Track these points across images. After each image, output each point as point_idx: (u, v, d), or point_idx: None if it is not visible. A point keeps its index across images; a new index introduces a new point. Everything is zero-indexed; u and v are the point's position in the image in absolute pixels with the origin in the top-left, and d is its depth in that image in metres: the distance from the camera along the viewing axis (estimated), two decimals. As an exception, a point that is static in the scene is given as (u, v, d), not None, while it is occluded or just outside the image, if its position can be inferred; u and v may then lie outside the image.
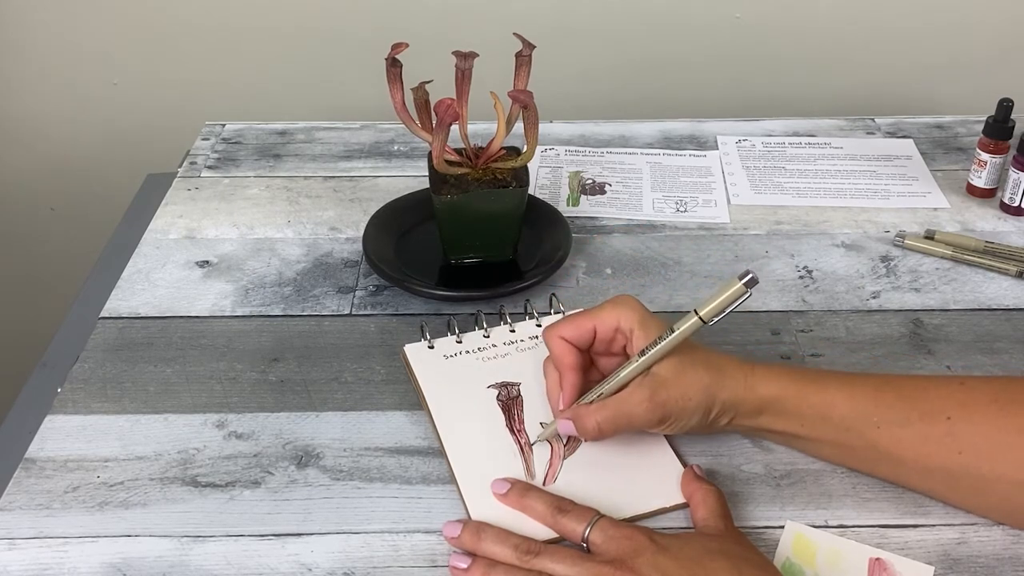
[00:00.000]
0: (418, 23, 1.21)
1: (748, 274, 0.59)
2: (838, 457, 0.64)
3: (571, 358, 0.64)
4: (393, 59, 0.79)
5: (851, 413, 0.61)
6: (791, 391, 0.62)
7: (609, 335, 0.65)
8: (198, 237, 0.90)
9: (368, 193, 0.96)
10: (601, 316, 0.64)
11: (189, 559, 0.60)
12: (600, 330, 0.64)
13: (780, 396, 0.62)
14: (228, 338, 0.77)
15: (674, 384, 0.61)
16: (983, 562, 0.59)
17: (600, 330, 0.64)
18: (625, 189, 0.97)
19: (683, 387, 0.61)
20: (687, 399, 0.61)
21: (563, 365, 0.64)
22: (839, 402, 0.62)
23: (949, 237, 0.87)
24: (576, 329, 0.65)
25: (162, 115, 1.28)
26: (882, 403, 0.61)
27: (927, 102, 1.25)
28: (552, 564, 0.56)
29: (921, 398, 0.61)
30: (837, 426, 0.62)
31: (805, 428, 0.63)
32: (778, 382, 0.63)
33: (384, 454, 0.67)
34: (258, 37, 1.23)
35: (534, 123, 0.79)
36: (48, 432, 0.69)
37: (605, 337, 0.65)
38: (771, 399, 0.62)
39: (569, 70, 1.23)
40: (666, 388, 0.61)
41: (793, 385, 0.62)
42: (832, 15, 1.21)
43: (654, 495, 0.63)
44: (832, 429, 0.62)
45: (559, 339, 0.65)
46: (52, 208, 1.36)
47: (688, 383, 0.61)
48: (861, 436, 0.61)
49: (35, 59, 1.25)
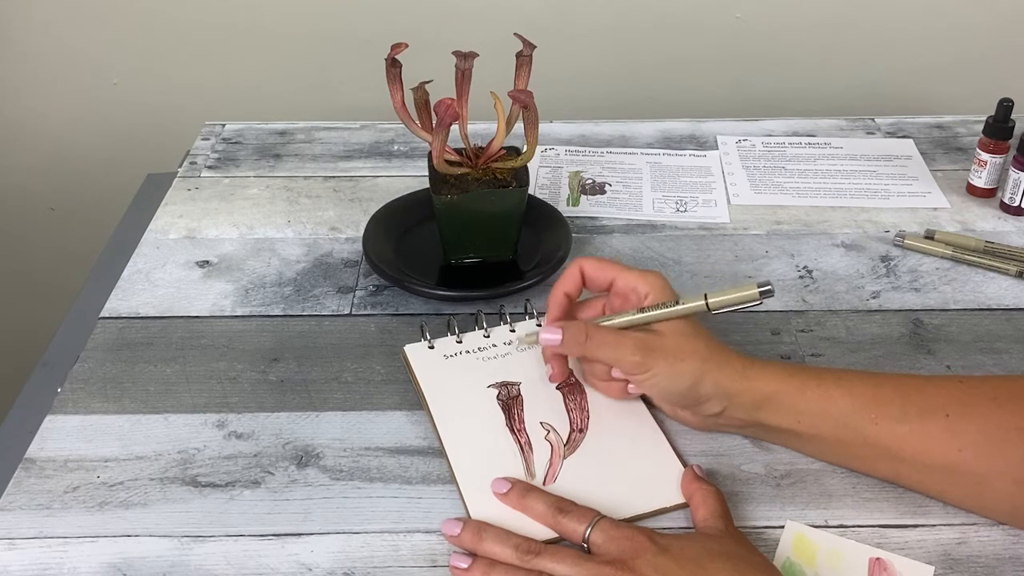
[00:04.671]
0: (418, 23, 1.21)
1: (767, 285, 0.62)
2: (836, 455, 0.64)
3: (573, 287, 0.68)
4: (393, 59, 0.79)
5: (849, 409, 0.61)
6: (790, 386, 0.62)
7: (625, 291, 0.67)
8: (198, 237, 0.90)
9: (368, 193, 0.96)
10: (627, 273, 0.67)
11: (189, 559, 0.60)
12: (619, 283, 0.67)
13: (778, 391, 0.62)
14: (228, 338, 0.77)
15: (670, 341, 0.63)
16: (983, 562, 0.59)
17: (619, 283, 0.67)
18: (625, 189, 0.97)
19: (677, 348, 0.63)
20: (678, 359, 0.62)
21: (563, 286, 0.68)
22: (837, 398, 0.62)
23: (949, 237, 0.87)
24: (599, 269, 0.68)
25: (162, 115, 1.28)
26: (880, 399, 0.61)
27: (927, 102, 1.25)
28: (552, 564, 0.56)
29: (919, 395, 0.61)
30: (835, 422, 0.62)
31: (803, 424, 0.62)
32: (777, 377, 0.63)
33: (384, 454, 0.67)
34: (258, 37, 1.23)
35: (534, 123, 0.79)
36: (48, 432, 0.69)
37: (621, 291, 0.67)
38: (769, 393, 0.62)
39: (569, 70, 1.23)
40: (661, 340, 0.63)
41: (792, 380, 0.63)
42: (832, 15, 1.21)
43: (654, 495, 0.63)
44: (830, 425, 0.62)
45: (578, 269, 0.68)
46: (52, 208, 1.36)
47: (683, 346, 0.63)
48: (859, 432, 0.61)
49: (35, 59, 1.25)
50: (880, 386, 0.62)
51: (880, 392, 0.62)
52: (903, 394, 0.61)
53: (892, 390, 0.62)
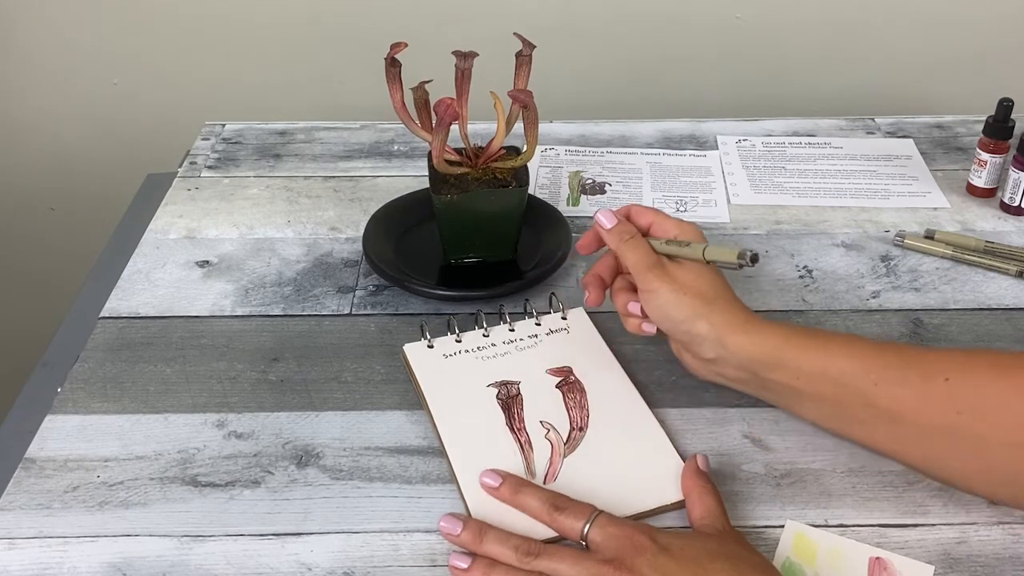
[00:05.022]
0: (418, 23, 1.21)
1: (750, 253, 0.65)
2: (835, 419, 0.64)
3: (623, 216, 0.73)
4: (392, 59, 0.79)
5: (849, 368, 0.61)
6: (790, 343, 0.63)
7: (660, 234, 0.71)
8: (198, 237, 0.90)
9: (368, 193, 0.96)
10: (665, 219, 0.71)
11: (189, 559, 0.60)
12: (655, 227, 0.71)
13: (779, 346, 0.63)
14: (228, 338, 0.77)
15: (685, 274, 0.67)
16: (983, 562, 0.59)
17: (655, 227, 0.71)
18: (625, 189, 0.97)
19: (688, 281, 0.66)
20: (682, 291, 0.65)
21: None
22: (839, 357, 0.62)
23: (949, 237, 0.87)
24: (641, 212, 0.72)
25: (162, 115, 1.28)
26: (881, 361, 0.61)
27: (927, 102, 1.25)
28: (552, 564, 0.56)
29: (920, 360, 0.61)
30: (835, 381, 0.62)
31: (801, 381, 0.63)
32: (778, 334, 0.64)
33: (384, 454, 0.67)
34: (258, 37, 1.23)
35: (534, 123, 0.79)
36: (48, 432, 0.69)
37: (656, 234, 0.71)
38: (769, 349, 0.63)
39: (569, 70, 1.23)
40: (677, 269, 0.67)
41: (793, 338, 0.63)
42: (832, 15, 1.21)
43: (655, 493, 0.63)
44: (829, 385, 0.62)
45: (627, 208, 0.73)
46: (52, 208, 1.37)
47: (693, 283, 0.66)
48: (859, 394, 0.61)
49: (35, 59, 1.25)
50: (882, 350, 0.62)
51: (881, 355, 0.62)
52: (904, 358, 0.61)
53: (894, 354, 0.62)
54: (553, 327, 0.76)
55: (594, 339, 0.75)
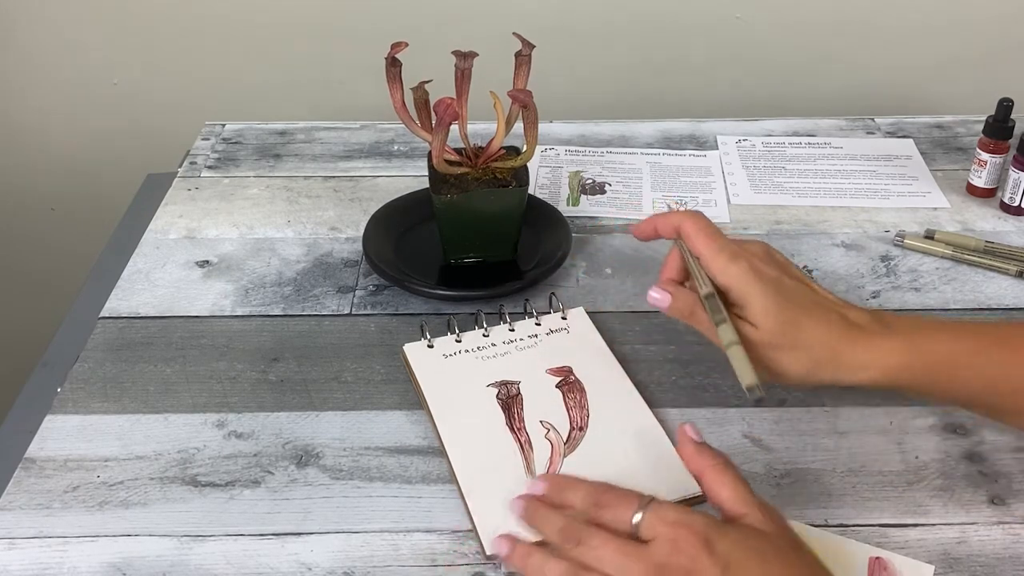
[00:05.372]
0: (418, 23, 1.21)
1: (757, 393, 0.58)
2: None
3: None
4: (393, 59, 0.79)
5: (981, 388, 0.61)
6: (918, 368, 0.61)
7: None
8: (198, 237, 0.90)
9: (368, 193, 0.96)
10: (712, 260, 0.64)
11: (189, 559, 0.60)
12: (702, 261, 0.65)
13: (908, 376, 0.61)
14: (228, 338, 0.77)
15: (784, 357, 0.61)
16: (983, 561, 0.59)
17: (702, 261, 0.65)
18: (625, 189, 0.97)
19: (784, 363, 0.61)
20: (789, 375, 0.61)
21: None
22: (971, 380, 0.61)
23: (949, 237, 0.87)
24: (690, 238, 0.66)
25: (162, 115, 1.28)
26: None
27: (927, 102, 1.25)
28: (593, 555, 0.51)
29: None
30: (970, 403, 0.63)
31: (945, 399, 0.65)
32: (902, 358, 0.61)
33: (384, 453, 0.67)
34: (258, 37, 1.23)
35: (534, 123, 0.79)
36: (48, 432, 0.69)
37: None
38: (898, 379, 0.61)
39: (569, 70, 1.23)
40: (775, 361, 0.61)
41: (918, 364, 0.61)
42: (832, 15, 1.21)
43: (655, 492, 0.62)
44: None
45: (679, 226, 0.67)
46: (52, 208, 1.36)
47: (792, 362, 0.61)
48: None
49: (35, 59, 1.25)
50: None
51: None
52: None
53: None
54: (553, 327, 0.76)
55: (594, 339, 0.75)
